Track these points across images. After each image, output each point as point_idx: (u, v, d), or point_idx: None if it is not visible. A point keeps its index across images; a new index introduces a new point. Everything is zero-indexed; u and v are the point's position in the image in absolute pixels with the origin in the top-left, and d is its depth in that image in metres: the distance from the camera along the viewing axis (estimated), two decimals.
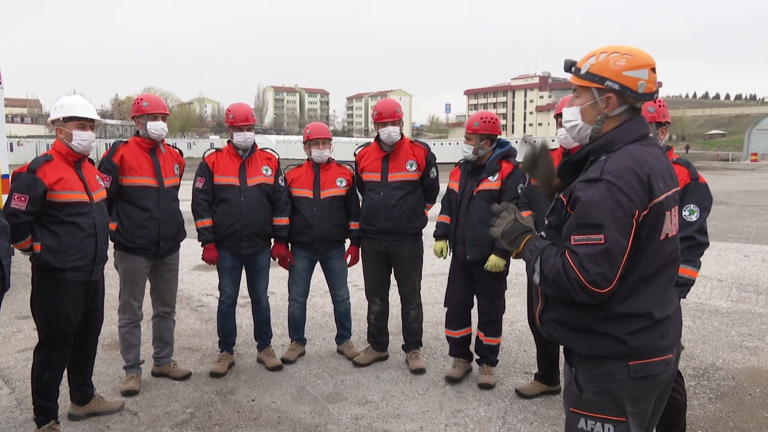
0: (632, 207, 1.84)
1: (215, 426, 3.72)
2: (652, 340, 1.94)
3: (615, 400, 1.95)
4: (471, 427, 3.71)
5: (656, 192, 1.89)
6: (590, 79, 1.99)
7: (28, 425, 3.66)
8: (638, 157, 1.92)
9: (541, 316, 2.13)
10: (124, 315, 4.20)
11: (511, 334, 5.41)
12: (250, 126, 4.48)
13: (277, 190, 4.55)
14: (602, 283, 1.85)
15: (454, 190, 4.27)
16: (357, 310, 5.57)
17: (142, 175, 4.10)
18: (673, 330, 2.02)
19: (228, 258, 4.49)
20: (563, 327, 2.04)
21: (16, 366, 4.68)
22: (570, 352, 2.07)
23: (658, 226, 1.91)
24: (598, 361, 1.97)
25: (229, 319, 4.64)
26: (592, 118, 2.03)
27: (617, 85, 1.95)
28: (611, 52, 1.98)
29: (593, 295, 1.88)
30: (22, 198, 3.30)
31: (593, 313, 1.95)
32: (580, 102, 2.06)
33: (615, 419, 1.95)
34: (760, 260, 8.56)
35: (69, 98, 3.64)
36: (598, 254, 1.84)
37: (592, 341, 1.97)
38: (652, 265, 1.93)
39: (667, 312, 1.98)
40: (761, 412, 3.87)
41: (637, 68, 1.95)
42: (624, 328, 1.92)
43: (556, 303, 2.05)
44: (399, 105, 4.61)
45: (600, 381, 1.96)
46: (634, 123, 2.01)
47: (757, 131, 44.65)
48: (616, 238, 1.83)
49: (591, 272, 1.84)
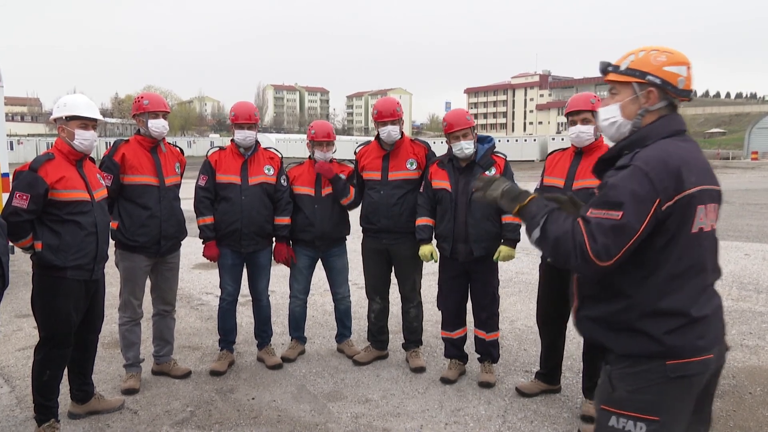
0: (654, 194, 1.86)
1: (215, 424, 3.72)
2: (689, 339, 1.92)
3: (649, 398, 1.93)
4: (471, 425, 3.71)
5: (686, 184, 1.89)
6: (631, 74, 2.04)
7: (28, 424, 3.66)
8: (670, 149, 1.94)
9: (577, 314, 2.14)
10: (125, 313, 4.21)
11: (511, 333, 5.41)
12: (251, 125, 4.47)
13: (279, 190, 4.55)
14: (604, 255, 1.87)
15: (446, 190, 4.19)
16: (357, 309, 5.57)
17: (143, 173, 4.10)
18: (713, 330, 1.99)
19: (229, 256, 4.49)
20: (599, 325, 2.04)
21: (16, 364, 4.68)
22: (606, 350, 2.06)
23: (689, 219, 1.91)
24: (634, 359, 1.96)
25: (229, 318, 4.64)
26: (633, 113, 2.06)
27: (658, 80, 2.00)
28: (651, 50, 2.05)
29: (590, 264, 1.89)
30: (23, 197, 3.30)
31: (629, 311, 1.95)
32: (619, 98, 2.09)
33: (648, 418, 1.93)
34: (761, 259, 8.56)
35: (71, 97, 3.64)
36: (609, 227, 1.87)
37: (628, 340, 1.96)
38: (687, 260, 1.93)
39: (705, 311, 1.96)
40: (762, 410, 3.87)
41: (677, 64, 2.02)
42: (660, 327, 1.92)
43: (591, 301, 2.06)
44: (399, 104, 4.60)
45: (635, 379, 1.95)
46: (669, 119, 2.04)
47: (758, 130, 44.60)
48: (632, 219, 1.86)
49: (598, 242, 1.87)
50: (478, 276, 4.23)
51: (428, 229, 4.33)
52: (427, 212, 4.33)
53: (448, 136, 4.17)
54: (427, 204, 4.33)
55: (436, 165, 4.30)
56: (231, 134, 4.58)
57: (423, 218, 4.33)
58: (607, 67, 2.11)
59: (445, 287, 4.38)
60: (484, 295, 4.26)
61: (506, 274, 7.38)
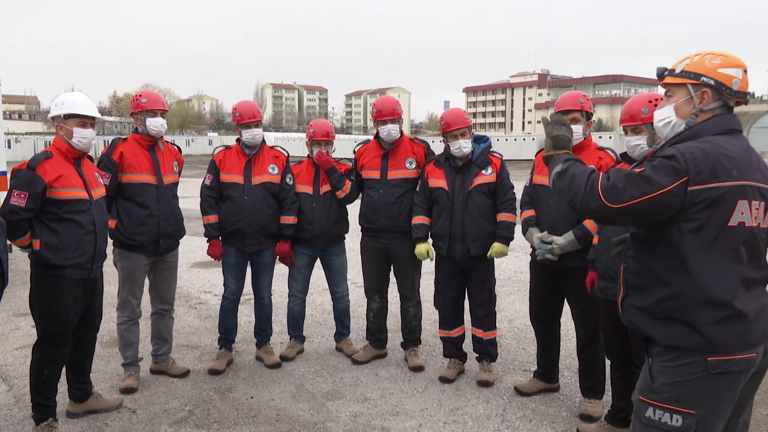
0: (683, 172, 1.92)
1: (214, 423, 3.72)
2: (732, 334, 1.95)
3: (687, 391, 1.95)
4: (470, 424, 3.71)
5: (725, 176, 1.94)
6: (686, 76, 2.12)
7: (26, 422, 3.65)
8: (713, 142, 2.00)
9: (622, 303, 2.18)
10: (123, 312, 4.20)
11: (509, 332, 5.41)
12: (257, 122, 4.48)
13: (284, 189, 4.54)
14: (611, 195, 1.97)
15: (443, 188, 4.20)
16: (356, 308, 5.57)
17: (142, 172, 4.09)
18: (759, 328, 2.00)
19: (232, 254, 4.49)
20: (644, 314, 2.07)
21: (14, 363, 4.67)
22: (648, 342, 2.10)
23: (727, 211, 1.94)
24: (676, 353, 1.99)
25: (230, 316, 4.64)
26: (687, 113, 2.12)
27: (712, 81, 2.07)
28: (706, 54, 2.13)
29: (597, 200, 1.99)
30: (21, 195, 3.29)
31: (671, 300, 1.99)
32: (674, 99, 2.16)
33: (684, 411, 1.95)
34: None
35: (70, 95, 3.63)
36: (626, 174, 1.99)
37: (670, 330, 2.00)
38: (722, 251, 1.95)
39: (750, 306, 1.98)
40: (759, 409, 3.87)
41: (732, 67, 2.09)
42: (702, 318, 1.94)
43: (636, 290, 2.11)
44: (398, 103, 4.59)
45: (675, 372, 1.98)
46: (722, 117, 2.10)
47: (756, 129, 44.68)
48: (651, 177, 1.94)
49: (611, 180, 1.98)
50: (475, 274, 4.24)
51: (424, 227, 4.33)
52: (424, 211, 4.33)
53: (445, 135, 4.18)
54: (423, 203, 4.33)
55: (433, 164, 4.31)
56: (230, 133, 4.62)
57: (419, 217, 4.33)
58: (663, 71, 2.19)
59: (442, 286, 4.38)
60: (481, 293, 4.27)
61: (504, 273, 7.38)
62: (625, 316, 2.18)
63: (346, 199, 4.60)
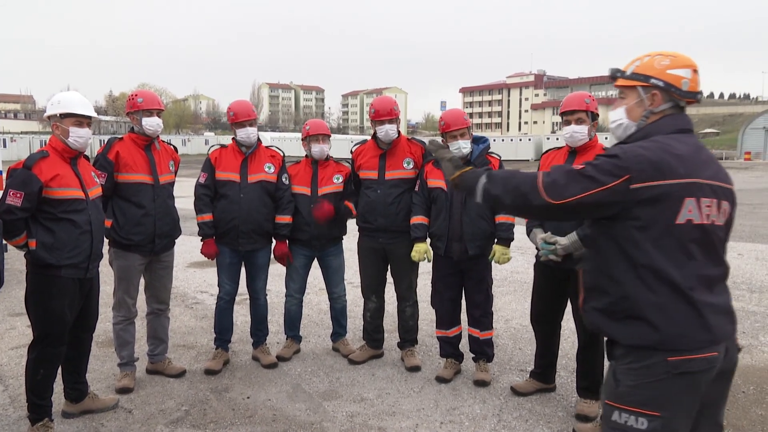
0: (623, 170, 1.94)
1: (210, 423, 3.71)
2: (687, 328, 1.94)
3: (651, 394, 1.95)
4: (466, 424, 3.71)
5: (667, 174, 1.93)
6: (636, 78, 2.13)
7: (22, 423, 3.64)
8: (660, 141, 2.01)
9: (583, 306, 2.18)
10: (119, 312, 4.19)
11: (506, 332, 5.42)
12: (252, 121, 4.48)
13: (280, 188, 4.54)
14: (553, 191, 2.00)
15: (442, 188, 4.20)
16: (353, 308, 5.56)
17: (138, 171, 4.08)
18: (717, 326, 1.99)
19: (227, 254, 4.48)
20: (603, 315, 2.08)
21: (10, 363, 4.66)
22: (611, 344, 2.11)
23: (673, 209, 1.94)
24: (638, 354, 1.99)
25: (226, 316, 4.63)
26: (638, 115, 2.14)
27: (662, 82, 2.08)
28: (655, 55, 2.13)
29: (538, 196, 2.02)
30: (17, 194, 3.28)
31: (626, 299, 1.99)
32: (626, 102, 2.17)
33: (649, 413, 1.95)
34: (754, 258, 8.61)
35: (66, 94, 3.61)
36: (566, 171, 2.03)
37: (629, 328, 2.00)
38: (671, 249, 1.95)
39: (707, 300, 1.97)
40: (755, 409, 3.89)
41: (681, 67, 2.09)
42: (657, 314, 1.95)
43: (594, 292, 2.11)
44: (396, 103, 4.59)
45: (637, 374, 1.98)
46: (672, 118, 2.11)
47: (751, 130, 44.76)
48: (591, 174, 1.97)
49: (551, 176, 2.02)
50: (472, 274, 4.24)
51: (423, 227, 4.33)
52: (422, 211, 4.33)
53: (444, 136, 4.18)
54: (422, 203, 4.33)
55: (432, 164, 4.31)
56: (226, 133, 4.60)
57: (418, 217, 4.34)
58: (615, 72, 2.19)
59: (439, 286, 4.39)
60: (478, 293, 4.27)
61: (501, 273, 7.39)
62: (587, 318, 2.17)
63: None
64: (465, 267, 4.23)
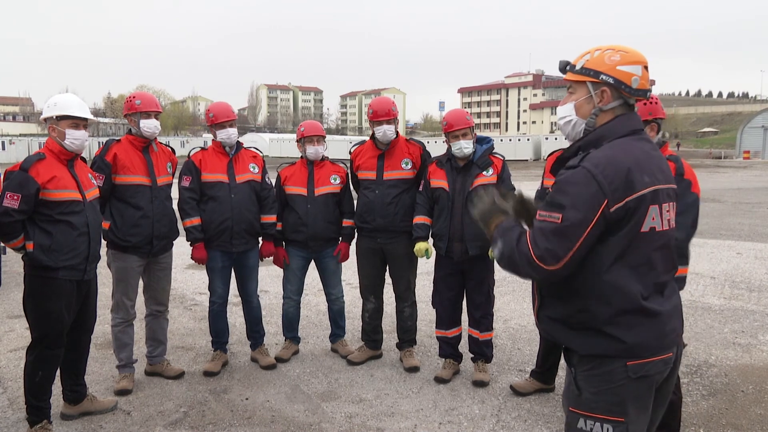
0: (602, 197, 1.85)
1: (209, 425, 3.71)
2: (648, 337, 1.93)
3: (614, 400, 1.94)
4: (465, 425, 3.71)
5: (638, 186, 1.88)
6: (585, 73, 2.04)
7: (21, 425, 3.63)
8: (623, 149, 1.94)
9: (538, 314, 2.14)
10: (117, 314, 4.18)
11: (505, 332, 5.42)
12: (232, 122, 4.47)
13: (265, 188, 4.56)
14: (549, 258, 1.89)
15: (444, 189, 4.21)
16: (351, 308, 5.56)
17: (135, 173, 4.08)
18: (671, 328, 2.00)
19: (218, 258, 4.46)
20: (560, 324, 2.04)
21: (8, 365, 4.65)
22: (569, 352, 2.07)
23: (640, 219, 1.90)
24: (597, 361, 1.96)
25: (220, 319, 4.63)
26: (587, 112, 2.06)
27: (612, 79, 2.00)
28: (606, 49, 2.04)
29: (537, 269, 1.91)
30: (14, 197, 3.27)
31: (587, 311, 1.95)
32: (575, 97, 2.09)
33: (614, 419, 1.94)
34: (753, 257, 8.61)
35: (62, 96, 3.61)
36: (550, 231, 1.89)
37: (588, 339, 1.96)
38: (635, 258, 1.92)
39: (663, 308, 1.97)
40: (754, 408, 3.89)
41: (631, 64, 2.00)
42: (618, 326, 1.91)
43: (551, 300, 2.06)
44: (394, 103, 4.59)
45: (599, 381, 1.96)
46: (626, 118, 2.03)
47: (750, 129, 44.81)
48: (574, 221, 1.86)
49: (540, 246, 1.89)
50: (473, 275, 4.24)
51: (425, 227, 4.34)
52: (425, 211, 4.34)
53: (447, 136, 4.19)
54: (425, 203, 4.35)
55: (435, 164, 4.32)
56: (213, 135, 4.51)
57: (420, 217, 4.35)
58: (566, 66, 2.11)
59: (440, 286, 4.38)
60: (478, 294, 4.27)
61: (500, 273, 7.34)
62: (541, 326, 2.13)
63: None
64: (466, 267, 4.23)
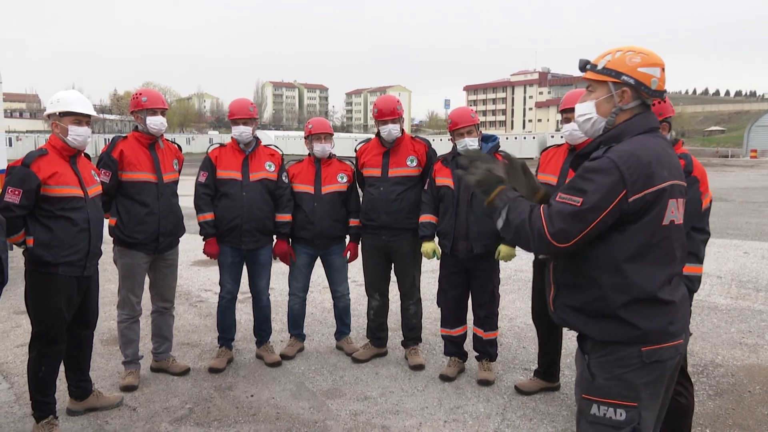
0: (621, 186, 1.92)
1: (214, 421, 3.71)
2: (662, 324, 1.99)
3: (627, 385, 1.99)
4: (470, 423, 3.70)
5: (657, 179, 1.96)
6: (607, 73, 2.11)
7: (27, 420, 3.65)
8: (644, 144, 2.01)
9: (554, 302, 2.18)
10: (123, 310, 4.20)
11: (510, 331, 5.41)
12: (246, 120, 4.47)
13: (280, 187, 4.54)
14: (562, 238, 1.97)
15: (449, 187, 4.20)
16: (356, 306, 5.56)
17: (142, 170, 4.08)
18: (682, 317, 2.07)
19: (229, 253, 4.48)
20: (576, 312, 2.09)
21: (15, 361, 4.67)
22: (583, 339, 2.13)
23: (661, 212, 1.98)
24: (611, 347, 2.02)
25: (228, 315, 4.63)
26: (607, 110, 2.14)
27: (632, 80, 2.07)
28: (627, 51, 2.11)
29: (549, 245, 1.99)
30: (15, 192, 3.28)
31: (604, 298, 2.01)
32: (595, 96, 2.17)
33: (627, 404, 2.00)
34: (760, 257, 8.56)
35: (65, 93, 3.62)
36: (568, 213, 1.96)
37: (605, 326, 2.02)
38: (658, 250, 2.00)
39: (674, 297, 2.03)
40: (761, 409, 3.87)
41: (651, 66, 2.08)
42: (635, 313, 1.98)
43: (567, 289, 2.12)
44: (399, 102, 4.58)
45: (612, 367, 2.01)
46: (644, 117, 2.11)
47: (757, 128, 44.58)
48: (593, 206, 1.93)
49: (555, 225, 1.97)
50: (478, 274, 4.23)
51: (431, 226, 4.32)
52: (431, 209, 4.33)
53: (452, 134, 4.19)
54: (431, 201, 4.33)
55: (440, 162, 4.31)
56: (230, 132, 4.59)
57: (426, 215, 4.34)
58: (585, 65, 2.18)
59: (445, 284, 4.37)
60: (483, 293, 4.26)
61: (505, 272, 7.37)
62: (557, 314, 2.18)
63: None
64: (471, 266, 4.22)
